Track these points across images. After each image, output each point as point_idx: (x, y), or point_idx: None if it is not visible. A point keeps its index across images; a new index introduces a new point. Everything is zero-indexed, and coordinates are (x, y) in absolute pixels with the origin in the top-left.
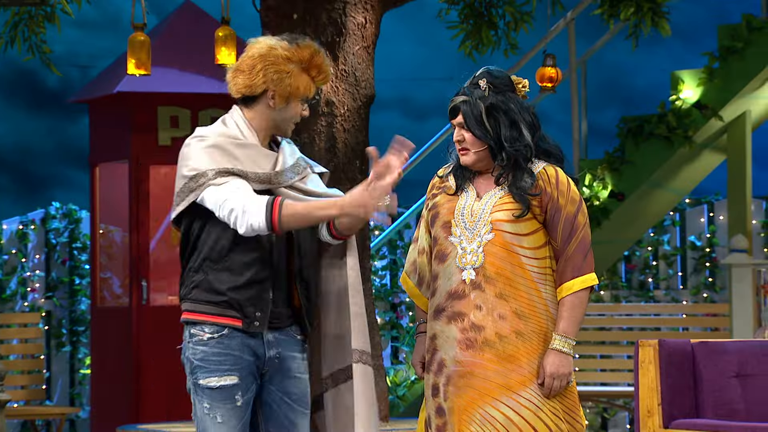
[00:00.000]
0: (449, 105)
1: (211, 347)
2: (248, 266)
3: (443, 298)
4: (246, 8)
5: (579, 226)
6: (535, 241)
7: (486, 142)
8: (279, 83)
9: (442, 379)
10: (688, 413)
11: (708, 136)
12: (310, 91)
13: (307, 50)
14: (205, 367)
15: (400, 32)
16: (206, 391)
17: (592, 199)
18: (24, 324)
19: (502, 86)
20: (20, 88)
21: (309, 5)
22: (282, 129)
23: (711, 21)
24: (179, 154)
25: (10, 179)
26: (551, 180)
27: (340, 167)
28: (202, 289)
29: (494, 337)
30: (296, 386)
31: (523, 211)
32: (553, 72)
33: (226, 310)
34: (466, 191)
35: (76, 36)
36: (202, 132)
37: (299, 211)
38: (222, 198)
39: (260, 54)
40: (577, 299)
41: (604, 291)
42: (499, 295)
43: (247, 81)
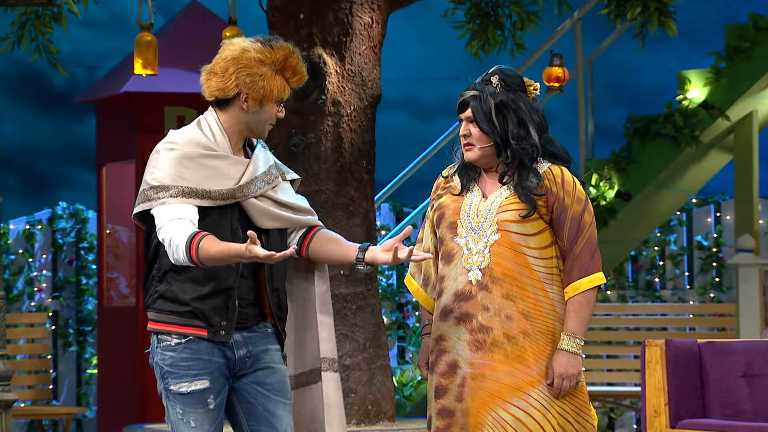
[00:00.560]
0: (458, 99)
1: (179, 353)
2: (212, 276)
3: (450, 299)
4: (253, 8)
5: (585, 226)
6: (542, 241)
7: (492, 139)
8: (252, 86)
9: (458, 380)
10: (695, 413)
11: (715, 135)
12: (284, 93)
13: (281, 52)
14: (175, 372)
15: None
16: (178, 396)
17: (599, 199)
18: (31, 324)
19: (513, 85)
20: (27, 88)
21: (315, 5)
22: (256, 131)
23: (718, 21)
24: (149, 157)
25: (17, 179)
26: (557, 179)
27: (347, 167)
28: (166, 299)
29: (502, 338)
30: (270, 376)
31: (530, 212)
32: (559, 72)
33: (190, 320)
34: (471, 191)
35: (83, 36)
36: (173, 138)
37: (212, 255)
38: (160, 223)
39: (233, 57)
40: (585, 299)
41: (610, 291)
42: (505, 296)
43: (220, 84)
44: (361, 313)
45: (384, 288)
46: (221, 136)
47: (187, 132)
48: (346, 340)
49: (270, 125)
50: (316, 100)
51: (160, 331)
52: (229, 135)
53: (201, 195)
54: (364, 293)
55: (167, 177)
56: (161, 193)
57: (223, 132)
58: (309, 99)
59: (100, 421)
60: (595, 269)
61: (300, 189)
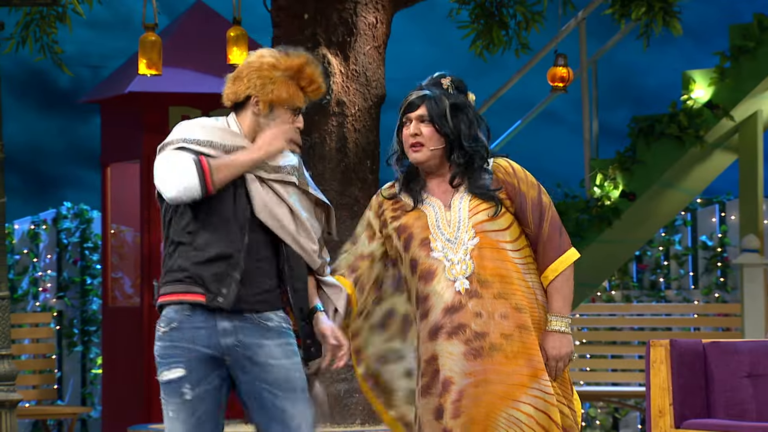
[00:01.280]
0: (406, 99)
1: (164, 341)
2: (214, 243)
3: (440, 315)
4: (257, 8)
5: (546, 207)
6: (513, 233)
7: (445, 139)
8: (261, 89)
9: (453, 396)
10: (700, 413)
11: (719, 135)
12: (296, 100)
13: (297, 60)
14: (160, 361)
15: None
16: (161, 385)
17: (603, 199)
18: (35, 324)
19: (461, 89)
20: (31, 88)
21: (320, 5)
22: None
23: (722, 20)
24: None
25: (21, 179)
26: (507, 170)
27: (351, 167)
28: (172, 271)
29: (500, 339)
30: (271, 373)
31: (498, 208)
32: (564, 72)
33: (190, 286)
34: (427, 203)
35: (88, 36)
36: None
37: (225, 162)
38: (156, 166)
39: (249, 62)
40: (564, 278)
41: (615, 291)
42: (497, 296)
43: (234, 88)
44: None
45: None
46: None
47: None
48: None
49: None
50: (320, 100)
51: (162, 304)
52: (249, 138)
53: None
54: None
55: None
56: (166, 147)
57: (242, 131)
58: None
59: (104, 421)
60: (566, 247)
61: None
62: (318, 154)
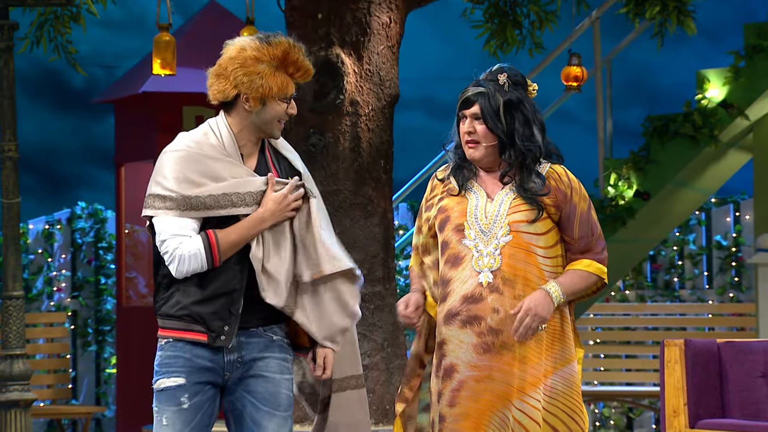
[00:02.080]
0: (461, 95)
1: (165, 351)
2: (215, 278)
3: (458, 302)
4: (271, 8)
5: (594, 223)
6: (549, 240)
7: (497, 137)
8: (250, 85)
9: (453, 384)
10: (715, 413)
11: (734, 135)
12: (287, 90)
13: (280, 47)
14: (159, 370)
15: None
16: (156, 393)
17: (617, 199)
18: (50, 323)
19: (518, 84)
20: (46, 88)
21: (334, 5)
22: (266, 131)
23: (737, 19)
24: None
25: (35, 179)
26: (562, 178)
27: (365, 167)
28: (170, 305)
29: (512, 339)
30: (261, 384)
31: (538, 214)
32: (578, 71)
33: (190, 324)
34: (473, 192)
35: (102, 36)
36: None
37: (234, 240)
38: (163, 235)
39: (230, 57)
40: (586, 275)
41: (629, 291)
42: (517, 297)
43: (220, 86)
44: (379, 312)
45: (402, 288)
46: (230, 139)
47: (194, 135)
48: (365, 340)
49: (280, 123)
50: (334, 99)
51: (164, 337)
52: (238, 138)
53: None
54: (382, 293)
55: (171, 184)
56: (165, 203)
57: (232, 134)
58: (327, 98)
59: (119, 421)
60: (604, 262)
61: (319, 188)
62: (332, 153)
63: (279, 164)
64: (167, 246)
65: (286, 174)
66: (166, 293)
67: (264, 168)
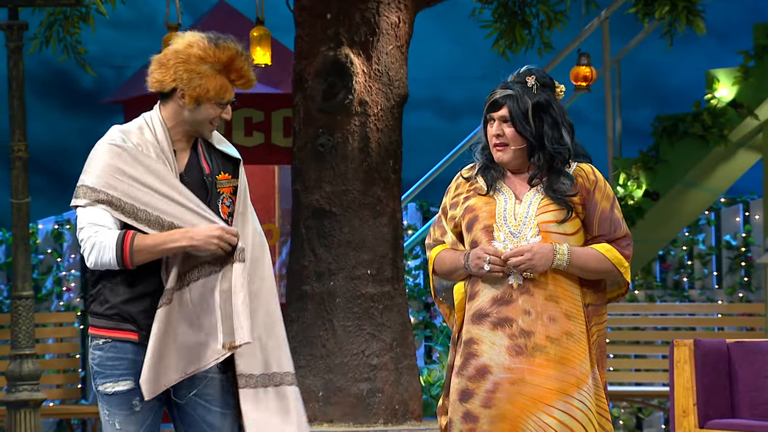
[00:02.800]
0: (490, 97)
1: (105, 351)
2: (143, 277)
3: (488, 303)
4: (280, 8)
5: (617, 222)
6: (579, 240)
7: (526, 140)
8: (189, 83)
9: (487, 385)
10: (724, 413)
11: (743, 135)
12: (224, 94)
13: (227, 52)
14: (102, 372)
15: (434, 31)
16: (104, 396)
17: (627, 199)
18: (59, 323)
19: (546, 86)
20: (55, 89)
21: (343, 5)
22: (197, 130)
23: (746, 19)
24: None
25: (45, 179)
26: (589, 176)
27: (374, 167)
28: (98, 303)
29: (545, 341)
30: (208, 386)
31: (568, 215)
32: (587, 71)
33: (120, 323)
34: (501, 192)
35: (111, 36)
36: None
37: (149, 245)
38: (82, 224)
39: (176, 50)
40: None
41: (638, 291)
42: (549, 298)
43: (159, 76)
44: (388, 312)
45: (411, 288)
46: (163, 135)
47: (128, 128)
48: (374, 340)
49: (212, 125)
50: (343, 99)
51: (94, 336)
52: (172, 133)
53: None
54: (390, 293)
55: (97, 179)
56: (88, 194)
57: (165, 130)
58: (336, 98)
59: None
60: (627, 255)
61: (328, 189)
62: (340, 153)
63: (211, 159)
64: (83, 234)
65: (219, 168)
66: (93, 290)
67: (196, 164)
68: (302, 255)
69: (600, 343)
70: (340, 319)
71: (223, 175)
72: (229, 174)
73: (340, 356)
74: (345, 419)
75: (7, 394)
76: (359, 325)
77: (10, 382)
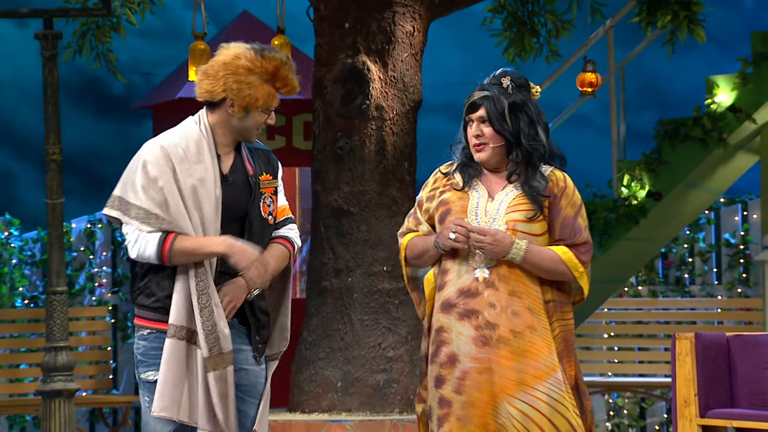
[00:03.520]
0: (467, 100)
1: (150, 342)
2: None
3: (454, 294)
4: (300, 18)
5: (579, 229)
6: (544, 242)
7: (504, 138)
8: (238, 93)
9: (456, 373)
10: (724, 403)
11: (742, 138)
12: (271, 102)
13: (272, 62)
14: (145, 361)
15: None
16: (146, 384)
17: (630, 199)
18: (92, 317)
19: (521, 87)
20: (87, 95)
21: (360, 15)
22: (244, 136)
23: (744, 28)
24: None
25: (78, 181)
26: (558, 183)
27: (390, 169)
28: (145, 295)
29: (509, 334)
30: (245, 378)
31: (536, 213)
32: (592, 77)
33: (164, 315)
34: (475, 189)
35: (140, 45)
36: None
37: (187, 247)
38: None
39: (224, 62)
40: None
41: (642, 286)
42: (512, 293)
43: (209, 87)
44: (403, 307)
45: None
46: (209, 137)
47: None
48: (389, 333)
49: (258, 131)
50: (360, 104)
51: (139, 326)
52: (217, 136)
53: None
54: (405, 289)
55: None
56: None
57: (209, 133)
58: (354, 104)
59: None
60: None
61: (346, 189)
62: (358, 156)
63: (254, 161)
64: (128, 228)
65: (261, 169)
66: (140, 283)
67: (240, 165)
68: (322, 252)
69: (565, 338)
70: (358, 314)
71: (265, 176)
72: (270, 175)
73: (357, 349)
74: (362, 409)
75: (43, 384)
76: (376, 319)
77: (46, 373)
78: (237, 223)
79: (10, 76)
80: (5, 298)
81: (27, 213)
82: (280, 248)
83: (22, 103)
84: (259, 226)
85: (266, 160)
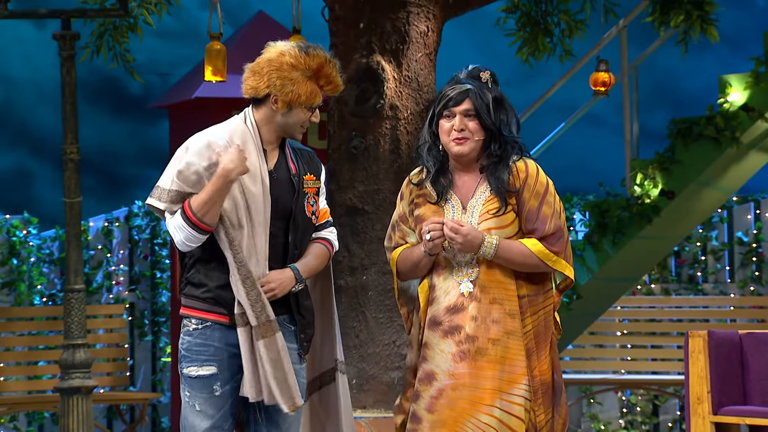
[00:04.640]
0: (446, 94)
1: (194, 337)
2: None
3: (442, 311)
4: (315, 18)
5: (543, 219)
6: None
7: (486, 132)
8: (281, 89)
9: (432, 391)
10: (737, 401)
11: (754, 137)
12: (314, 99)
13: (316, 60)
14: (188, 356)
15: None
16: (187, 379)
17: (644, 197)
18: (109, 315)
19: (496, 82)
20: (105, 95)
21: (374, 15)
22: (288, 133)
23: (757, 27)
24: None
25: (95, 180)
26: (520, 174)
27: (404, 167)
28: (193, 286)
29: (486, 344)
30: None
31: (501, 208)
32: (606, 77)
33: (213, 306)
34: (450, 202)
35: (157, 45)
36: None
37: (203, 198)
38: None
39: (269, 59)
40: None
41: (655, 284)
42: (493, 301)
43: (253, 83)
44: None
45: None
46: (255, 133)
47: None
48: (404, 331)
49: (302, 128)
50: (375, 104)
51: (187, 316)
52: (263, 132)
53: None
54: None
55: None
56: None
57: (255, 128)
58: (368, 103)
59: (173, 406)
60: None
61: (360, 188)
62: (372, 155)
63: (298, 160)
64: (168, 221)
65: (305, 168)
66: (188, 273)
67: (284, 164)
68: (337, 251)
69: (537, 333)
70: (373, 312)
71: (309, 176)
72: (313, 175)
73: (372, 346)
74: (377, 405)
75: (61, 381)
76: (390, 317)
77: (64, 370)
78: (282, 220)
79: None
80: (24, 296)
81: (45, 212)
82: (321, 247)
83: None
84: (304, 224)
85: (309, 161)
